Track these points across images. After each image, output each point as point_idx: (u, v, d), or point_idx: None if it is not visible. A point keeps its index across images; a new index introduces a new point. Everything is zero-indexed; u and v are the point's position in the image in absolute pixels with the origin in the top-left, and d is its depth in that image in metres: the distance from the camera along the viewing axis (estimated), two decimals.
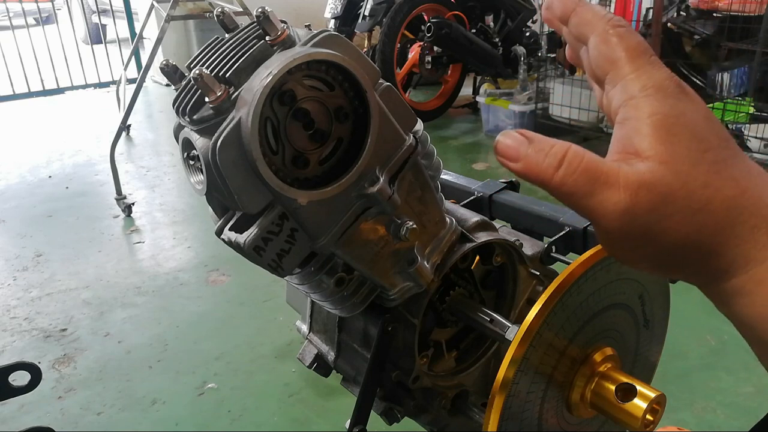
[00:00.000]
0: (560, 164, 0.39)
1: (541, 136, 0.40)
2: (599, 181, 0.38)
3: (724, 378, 2.06)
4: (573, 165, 0.38)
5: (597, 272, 0.59)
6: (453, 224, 0.61)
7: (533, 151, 0.40)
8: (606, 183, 0.38)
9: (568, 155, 0.39)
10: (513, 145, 0.40)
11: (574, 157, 0.39)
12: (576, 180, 0.38)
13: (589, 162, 0.38)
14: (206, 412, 2.01)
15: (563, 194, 0.39)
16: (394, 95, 0.53)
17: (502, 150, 0.41)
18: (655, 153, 0.38)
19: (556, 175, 0.39)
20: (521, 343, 0.55)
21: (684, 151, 0.38)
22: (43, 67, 6.09)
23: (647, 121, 0.38)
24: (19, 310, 2.62)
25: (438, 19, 4.46)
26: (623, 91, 0.40)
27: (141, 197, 3.77)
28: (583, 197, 0.38)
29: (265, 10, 0.49)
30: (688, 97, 0.40)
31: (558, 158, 0.39)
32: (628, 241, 0.39)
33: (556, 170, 0.39)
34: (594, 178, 0.38)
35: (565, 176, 0.38)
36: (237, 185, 0.48)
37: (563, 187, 0.39)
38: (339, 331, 0.71)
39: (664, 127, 0.38)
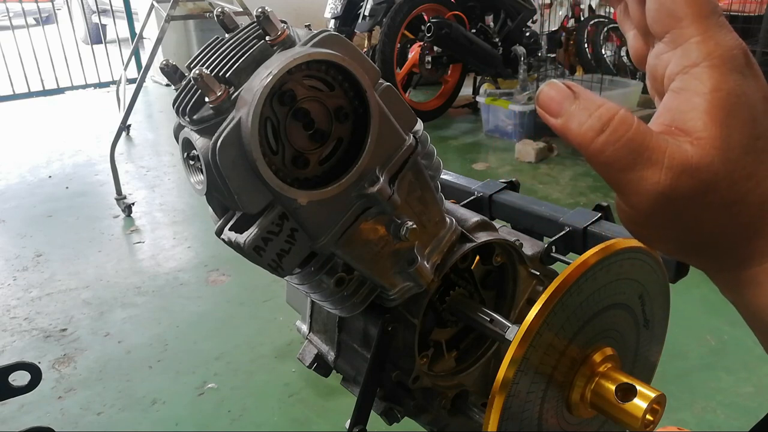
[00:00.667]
0: (604, 128, 0.35)
1: (590, 93, 0.37)
2: (642, 156, 0.34)
3: (724, 378, 2.06)
4: (618, 132, 0.35)
5: (597, 272, 0.59)
6: (453, 224, 0.61)
7: (577, 108, 0.36)
8: (649, 159, 0.34)
9: (615, 120, 0.35)
10: (557, 98, 0.37)
11: (621, 124, 0.35)
12: (618, 150, 0.35)
13: (636, 132, 0.35)
14: (206, 412, 2.01)
15: (599, 163, 0.36)
16: (394, 95, 0.53)
17: (543, 102, 0.37)
18: (709, 135, 0.34)
19: (597, 140, 0.35)
20: (521, 343, 0.55)
21: (738, 137, 0.34)
22: (43, 67, 6.09)
23: (708, 97, 0.34)
24: (19, 310, 2.62)
25: (438, 19, 4.46)
26: (684, 55, 0.36)
27: (141, 197, 3.77)
28: (620, 170, 0.35)
29: (265, 10, 0.49)
30: (753, 71, 0.36)
31: (603, 121, 0.35)
32: (655, 221, 0.36)
33: (597, 134, 0.35)
34: (638, 152, 0.34)
35: (607, 143, 0.35)
36: (237, 185, 0.48)
37: (601, 155, 0.35)
38: (339, 331, 0.71)
39: (725, 108, 0.34)
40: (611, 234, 0.72)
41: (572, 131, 0.36)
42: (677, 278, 0.71)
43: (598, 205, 0.78)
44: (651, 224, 0.37)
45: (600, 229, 0.74)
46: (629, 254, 0.62)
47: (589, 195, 3.63)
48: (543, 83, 0.38)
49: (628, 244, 0.61)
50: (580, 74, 5.03)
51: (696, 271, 0.74)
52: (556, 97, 0.37)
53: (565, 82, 0.37)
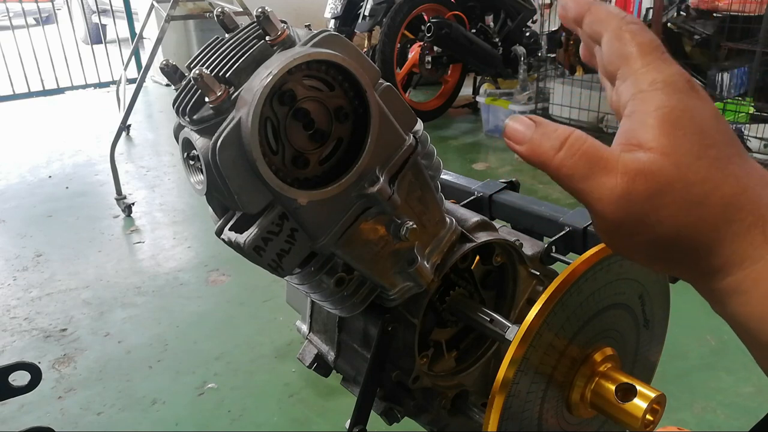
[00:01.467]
0: (561, 146, 0.39)
1: (548, 121, 0.41)
2: (598, 165, 0.38)
3: (724, 378, 2.06)
4: (573, 148, 0.39)
5: (597, 272, 0.59)
6: (453, 224, 0.61)
7: (538, 135, 0.40)
8: (605, 168, 0.38)
9: (570, 139, 0.39)
10: (520, 128, 0.41)
11: (576, 141, 0.39)
12: (575, 162, 0.39)
13: (589, 147, 0.39)
14: (206, 412, 2.01)
15: (562, 176, 0.40)
16: (394, 95, 0.53)
17: (509, 133, 0.42)
18: (658, 145, 0.38)
19: (556, 156, 0.39)
20: (521, 343, 0.55)
21: (687, 145, 0.38)
22: (43, 67, 6.09)
23: (653, 114, 0.39)
24: (19, 310, 2.62)
25: (438, 19, 4.46)
26: (633, 85, 0.40)
27: (141, 197, 3.77)
28: (580, 180, 0.39)
29: (265, 10, 0.49)
30: (697, 93, 0.40)
31: (560, 141, 0.39)
32: (623, 228, 0.39)
33: (556, 152, 0.39)
34: (593, 162, 0.38)
35: (565, 158, 0.39)
36: (237, 185, 0.48)
37: (562, 169, 0.39)
38: (339, 331, 0.71)
39: (670, 120, 0.38)
40: None
41: (535, 153, 0.40)
42: (677, 278, 0.71)
43: None
44: (621, 231, 0.39)
45: None
46: None
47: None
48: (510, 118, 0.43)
49: None
50: (580, 74, 5.03)
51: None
52: (520, 128, 0.41)
53: (527, 116, 0.42)
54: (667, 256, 0.40)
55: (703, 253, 0.38)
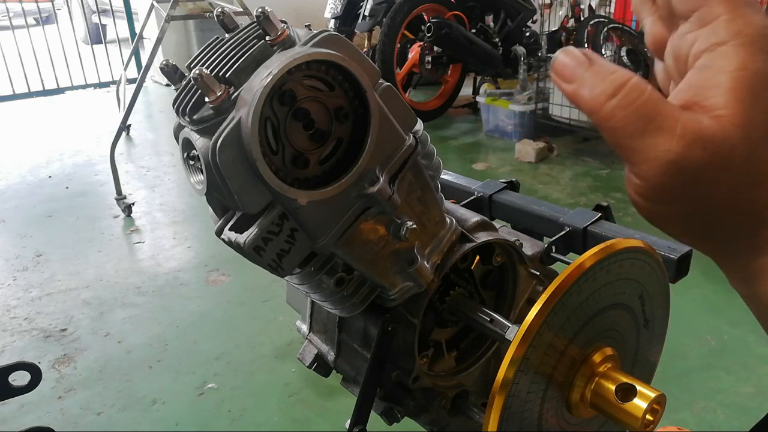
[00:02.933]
0: (616, 93, 0.34)
1: (605, 61, 0.36)
2: (654, 122, 0.34)
3: (724, 378, 2.07)
4: (630, 97, 0.34)
5: (597, 272, 0.59)
6: (453, 224, 0.61)
7: (590, 74, 0.36)
8: (660, 127, 0.34)
9: (628, 85, 0.34)
10: (571, 64, 0.36)
11: (633, 89, 0.34)
12: (628, 115, 0.34)
13: (648, 98, 0.34)
14: (206, 412, 2.01)
15: (609, 128, 0.35)
16: (394, 95, 0.53)
17: (558, 68, 0.37)
18: (730, 113, 0.33)
19: (608, 104, 0.35)
20: (521, 343, 0.55)
21: (762, 117, 0.33)
22: (43, 67, 6.09)
23: (732, 75, 0.33)
24: (19, 310, 2.62)
25: (438, 19, 4.46)
26: (712, 33, 0.35)
27: (141, 197, 3.77)
28: (629, 136, 0.34)
29: (265, 10, 0.49)
30: None
31: (615, 86, 0.35)
32: (666, 195, 0.35)
33: (609, 99, 0.35)
34: (650, 117, 0.34)
35: (617, 108, 0.34)
36: (237, 185, 0.48)
37: (612, 120, 0.35)
38: (339, 331, 0.71)
39: (750, 87, 0.33)
40: (611, 234, 0.72)
41: (584, 96, 0.35)
42: (677, 278, 0.71)
43: (598, 205, 0.78)
44: (661, 199, 0.36)
45: (600, 229, 0.74)
46: (629, 254, 0.61)
47: (589, 195, 3.63)
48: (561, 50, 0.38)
49: (628, 244, 0.61)
50: None
51: (696, 271, 0.74)
52: (570, 63, 0.36)
53: (581, 50, 0.37)
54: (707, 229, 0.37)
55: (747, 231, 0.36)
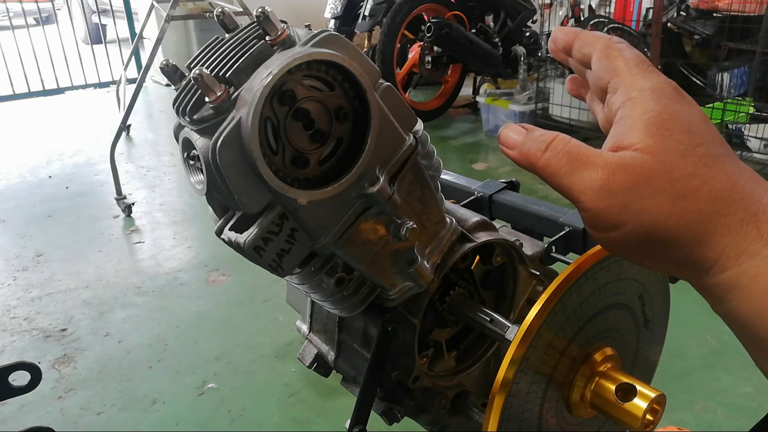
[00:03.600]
0: (547, 148, 0.43)
1: (537, 128, 0.44)
2: (579, 161, 0.41)
3: (724, 378, 2.07)
4: (558, 148, 0.42)
5: (597, 272, 0.59)
6: (453, 224, 0.61)
7: (527, 139, 0.44)
8: (586, 163, 0.41)
9: (555, 140, 0.43)
10: (512, 135, 0.45)
11: (560, 142, 0.42)
12: (559, 160, 0.42)
13: (572, 146, 0.42)
14: (206, 412, 2.01)
15: (547, 174, 0.42)
16: (394, 95, 0.53)
17: (503, 140, 0.46)
18: (644, 145, 0.39)
19: (542, 157, 0.43)
20: (521, 343, 0.55)
21: (674, 144, 0.39)
22: (43, 67, 6.09)
23: (641, 118, 0.40)
24: (19, 310, 2.62)
25: (438, 19, 4.46)
26: (622, 93, 0.43)
27: (141, 197, 3.77)
28: (564, 176, 0.41)
29: (265, 10, 0.48)
30: (684, 98, 0.42)
31: (546, 143, 0.43)
32: (607, 220, 0.40)
33: (543, 153, 0.43)
34: (575, 159, 0.41)
35: (550, 157, 0.42)
36: (237, 185, 0.48)
37: (548, 168, 0.42)
38: (339, 331, 0.71)
39: (656, 123, 0.40)
40: None
41: (524, 155, 0.44)
42: (677, 278, 0.71)
43: None
44: (605, 225, 0.41)
45: None
46: None
47: None
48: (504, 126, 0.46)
49: None
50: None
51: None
52: (512, 135, 0.45)
53: (520, 124, 0.46)
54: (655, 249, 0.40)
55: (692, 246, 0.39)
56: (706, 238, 0.38)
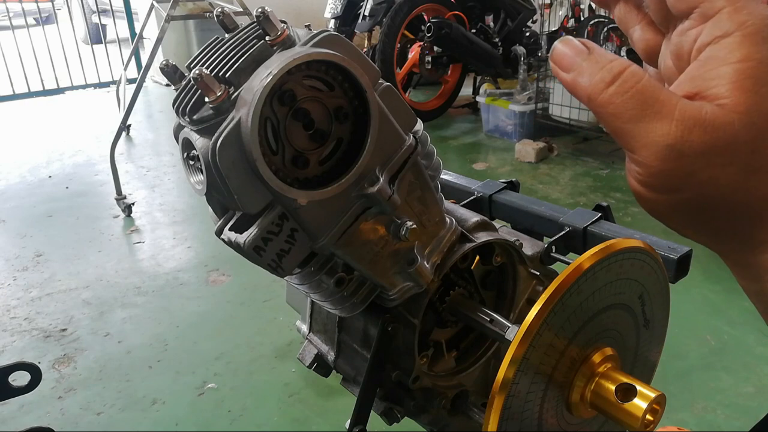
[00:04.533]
0: (614, 80, 0.35)
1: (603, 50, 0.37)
2: (652, 108, 0.34)
3: (724, 378, 2.07)
4: (627, 84, 0.35)
5: (597, 272, 0.59)
6: (453, 224, 0.61)
7: (589, 63, 0.36)
8: (659, 112, 0.34)
9: (625, 72, 0.35)
10: (569, 53, 0.37)
11: (631, 76, 0.35)
12: (626, 101, 0.34)
13: (646, 85, 0.34)
14: (206, 412, 2.01)
15: (607, 114, 0.35)
16: (394, 95, 0.53)
17: (556, 57, 0.37)
18: (733, 101, 0.33)
19: (606, 91, 0.35)
20: (521, 343, 0.55)
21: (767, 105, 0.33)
22: (43, 67, 6.09)
23: (736, 66, 0.33)
24: (19, 310, 2.62)
25: (438, 19, 4.46)
26: (716, 26, 0.35)
27: (141, 197, 3.78)
28: (627, 121, 0.34)
29: (265, 10, 0.49)
30: None
31: (614, 73, 0.35)
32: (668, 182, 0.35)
33: (607, 86, 0.35)
34: (647, 102, 0.34)
35: (615, 94, 0.35)
36: (237, 185, 0.48)
37: (609, 106, 0.35)
38: (339, 331, 0.71)
39: (754, 77, 0.33)
40: (611, 234, 0.72)
41: (582, 84, 0.36)
42: (677, 278, 0.71)
43: (598, 205, 0.78)
44: (661, 187, 0.35)
45: (600, 229, 0.74)
46: (629, 254, 0.61)
47: (589, 195, 3.63)
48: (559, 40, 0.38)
49: (628, 244, 0.61)
50: None
51: (696, 271, 0.73)
52: (569, 53, 0.37)
53: (580, 39, 0.37)
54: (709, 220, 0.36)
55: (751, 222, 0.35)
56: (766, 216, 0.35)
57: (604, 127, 0.36)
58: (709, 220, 0.36)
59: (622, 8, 0.44)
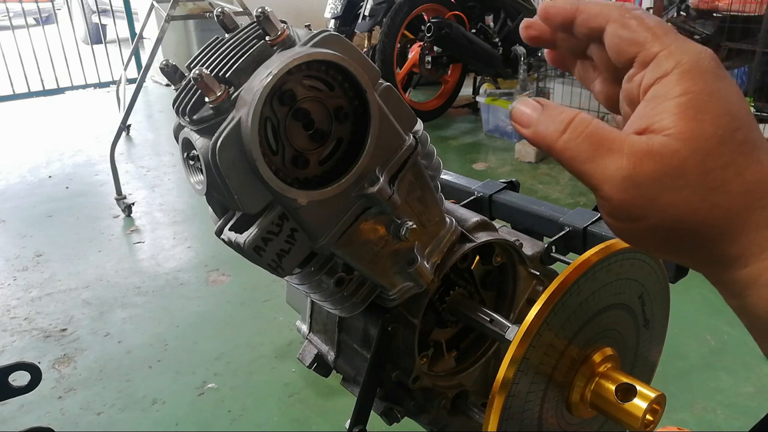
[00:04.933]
0: (566, 129, 0.38)
1: (554, 104, 0.40)
2: (603, 147, 0.37)
3: (724, 378, 2.06)
4: (578, 130, 0.38)
5: (597, 272, 0.59)
6: (453, 224, 0.61)
7: (543, 117, 0.40)
8: (610, 149, 0.37)
9: (575, 120, 0.39)
10: (527, 111, 0.41)
11: (580, 123, 0.38)
12: (579, 144, 0.38)
13: (595, 128, 0.38)
14: (206, 412, 2.01)
15: (566, 159, 0.39)
16: (394, 95, 0.53)
17: (516, 116, 0.41)
18: (678, 130, 0.36)
19: (560, 139, 0.39)
20: (521, 343, 0.55)
21: (712, 129, 0.36)
22: (43, 67, 6.09)
23: (677, 100, 0.36)
24: (19, 310, 2.62)
25: (438, 19, 4.46)
26: (655, 68, 0.38)
27: (141, 197, 3.77)
28: (584, 162, 0.38)
29: (265, 10, 0.49)
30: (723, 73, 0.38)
31: (564, 123, 0.39)
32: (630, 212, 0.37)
33: (560, 135, 0.39)
34: (598, 143, 0.37)
35: (569, 140, 0.38)
36: (237, 185, 0.48)
37: (566, 152, 0.38)
38: (339, 331, 0.71)
39: (695, 106, 0.36)
40: (611, 234, 0.72)
41: (539, 136, 0.40)
42: (677, 278, 0.71)
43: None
44: (626, 216, 0.38)
45: (600, 229, 0.74)
46: (629, 254, 0.62)
47: (589, 195, 3.62)
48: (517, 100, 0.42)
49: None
50: None
51: (696, 272, 0.73)
52: (527, 110, 0.41)
53: (535, 98, 0.41)
54: (678, 243, 0.38)
55: (718, 241, 0.37)
56: (732, 233, 0.36)
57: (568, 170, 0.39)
58: (678, 242, 0.38)
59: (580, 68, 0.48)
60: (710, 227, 0.36)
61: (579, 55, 0.48)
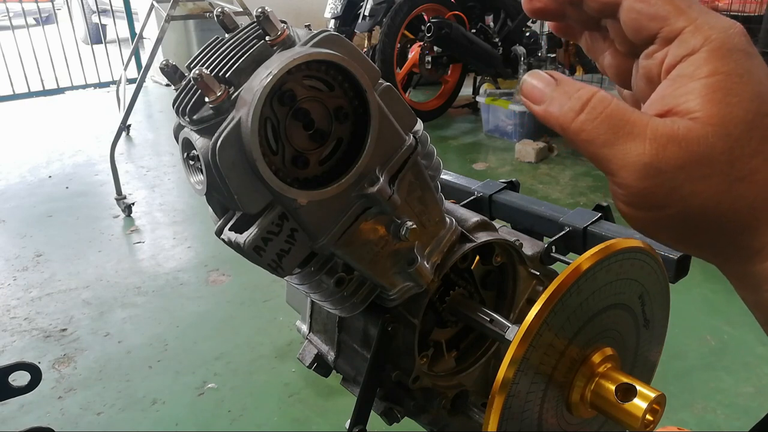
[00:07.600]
0: (583, 108, 0.35)
1: (570, 79, 0.37)
2: (623, 130, 0.34)
3: (724, 378, 2.07)
4: (597, 110, 0.35)
5: (597, 272, 0.59)
6: (453, 224, 0.61)
7: (558, 93, 0.36)
8: (630, 133, 0.34)
9: (593, 99, 0.35)
10: (539, 86, 0.37)
11: (599, 102, 0.35)
12: (597, 126, 0.35)
13: (615, 108, 0.35)
14: (206, 412, 2.01)
15: (581, 141, 0.36)
16: (394, 95, 0.53)
17: (526, 91, 0.38)
18: (705, 114, 0.33)
19: (576, 119, 0.35)
20: (521, 343, 0.55)
21: (741, 114, 0.33)
22: (43, 67, 6.09)
23: (704, 81, 0.34)
24: (19, 310, 2.62)
25: (438, 19, 4.46)
26: (681, 45, 0.35)
27: (141, 197, 3.77)
28: (602, 145, 0.35)
29: (265, 10, 0.49)
30: (754, 51, 0.35)
31: (582, 101, 0.35)
32: (649, 200, 0.35)
33: (577, 114, 0.35)
34: (617, 126, 0.34)
35: (586, 121, 0.35)
36: (237, 185, 0.48)
37: (582, 134, 0.35)
38: (339, 331, 0.71)
39: (724, 88, 0.33)
40: (611, 234, 0.72)
41: (553, 114, 0.36)
42: (677, 278, 0.71)
43: (598, 205, 0.78)
44: (645, 205, 0.35)
45: (600, 229, 0.74)
46: (629, 254, 0.62)
47: (589, 195, 3.63)
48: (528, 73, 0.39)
49: (628, 244, 0.61)
50: (580, 74, 5.03)
51: (696, 271, 0.74)
52: (538, 85, 0.37)
53: (547, 71, 0.38)
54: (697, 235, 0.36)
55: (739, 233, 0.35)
56: (756, 226, 0.34)
57: (582, 153, 0.36)
58: (698, 233, 0.36)
59: (588, 38, 0.44)
60: (732, 219, 0.34)
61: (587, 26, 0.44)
